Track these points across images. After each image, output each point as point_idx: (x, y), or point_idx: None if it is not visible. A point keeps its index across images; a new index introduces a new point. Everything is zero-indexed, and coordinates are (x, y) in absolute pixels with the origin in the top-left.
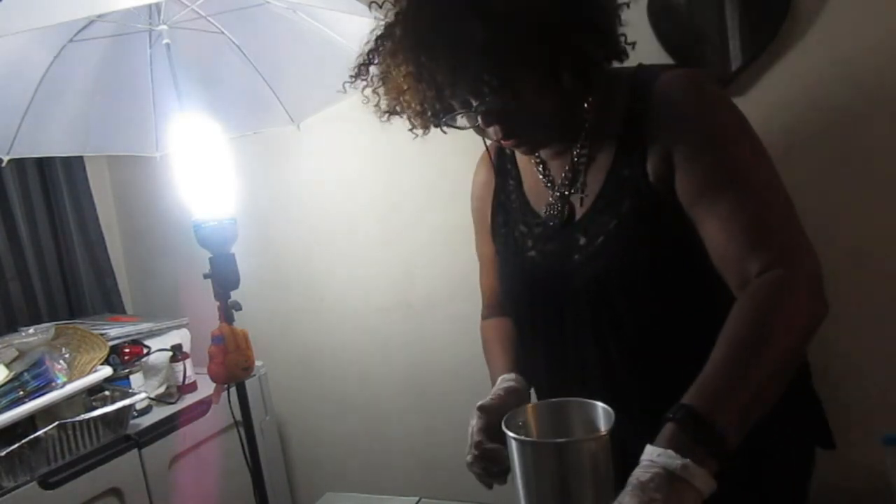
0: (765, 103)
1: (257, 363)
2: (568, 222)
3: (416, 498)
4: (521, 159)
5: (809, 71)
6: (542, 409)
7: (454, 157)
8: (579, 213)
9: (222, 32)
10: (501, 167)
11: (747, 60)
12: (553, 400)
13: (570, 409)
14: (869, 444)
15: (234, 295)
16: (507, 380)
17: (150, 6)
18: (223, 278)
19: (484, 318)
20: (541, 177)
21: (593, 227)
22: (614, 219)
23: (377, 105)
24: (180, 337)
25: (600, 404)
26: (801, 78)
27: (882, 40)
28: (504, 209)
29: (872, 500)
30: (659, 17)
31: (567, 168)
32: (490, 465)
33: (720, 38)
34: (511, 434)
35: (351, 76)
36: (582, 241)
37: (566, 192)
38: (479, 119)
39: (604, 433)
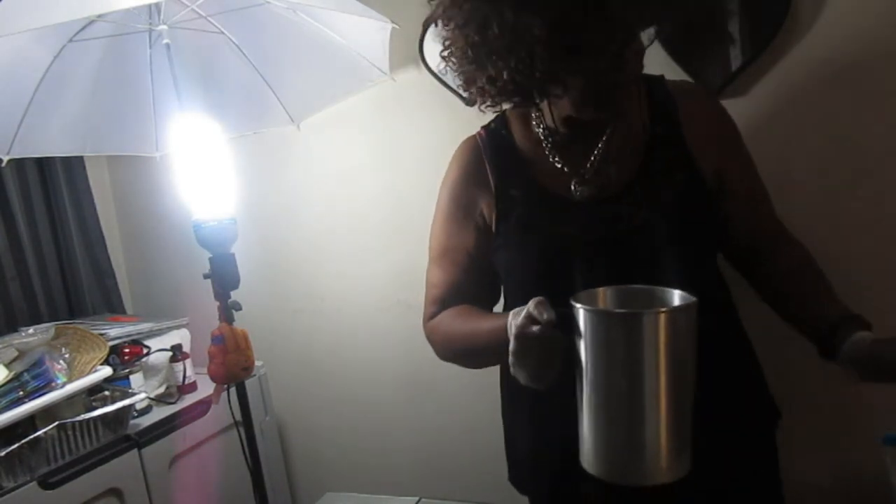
0: (765, 103)
1: (257, 363)
2: (603, 198)
3: (416, 498)
4: (525, 149)
5: (810, 71)
6: (615, 294)
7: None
8: (613, 189)
9: (222, 32)
10: (497, 156)
11: (747, 60)
12: (628, 286)
13: (647, 296)
14: (869, 444)
15: (234, 295)
16: None
17: (150, 6)
18: (223, 278)
19: (431, 316)
20: (554, 161)
21: (638, 199)
22: (666, 190)
23: (448, 55)
24: (180, 337)
25: (679, 291)
26: (801, 78)
27: (881, 40)
28: (509, 197)
29: (872, 500)
30: None
31: (599, 149)
32: (556, 341)
33: (720, 38)
34: (580, 305)
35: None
36: (626, 211)
37: (595, 172)
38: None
39: (692, 301)
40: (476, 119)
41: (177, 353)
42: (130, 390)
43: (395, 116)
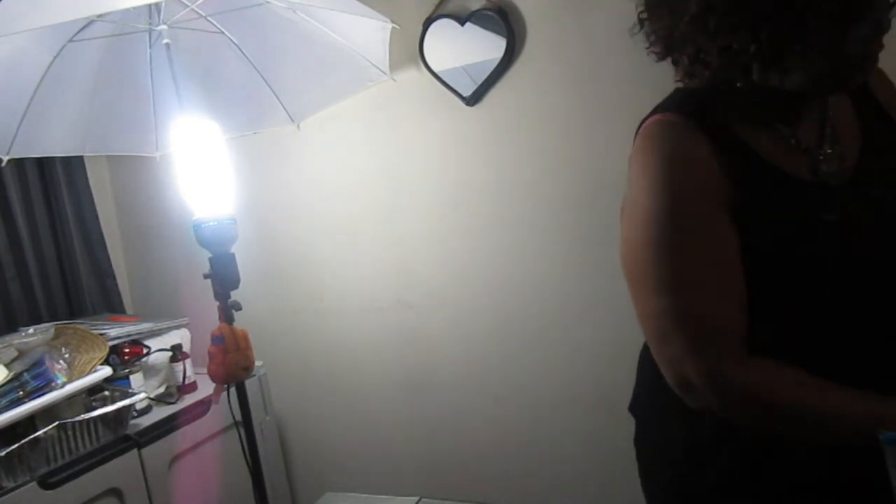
0: None
1: (257, 363)
2: (854, 178)
3: (416, 498)
4: (746, 129)
5: None
6: None
7: (454, 156)
8: (850, 166)
9: (222, 32)
10: (721, 138)
11: None
12: None
13: None
14: None
15: (234, 295)
16: None
17: (150, 6)
18: (223, 278)
19: (744, 365)
20: (789, 139)
21: (883, 177)
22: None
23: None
24: (180, 337)
25: None
26: None
27: None
28: (748, 186)
29: None
30: None
31: (827, 121)
32: None
33: None
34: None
35: None
36: (889, 194)
37: (829, 150)
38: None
39: None
40: (476, 119)
41: (177, 353)
42: (130, 390)
43: (395, 116)
